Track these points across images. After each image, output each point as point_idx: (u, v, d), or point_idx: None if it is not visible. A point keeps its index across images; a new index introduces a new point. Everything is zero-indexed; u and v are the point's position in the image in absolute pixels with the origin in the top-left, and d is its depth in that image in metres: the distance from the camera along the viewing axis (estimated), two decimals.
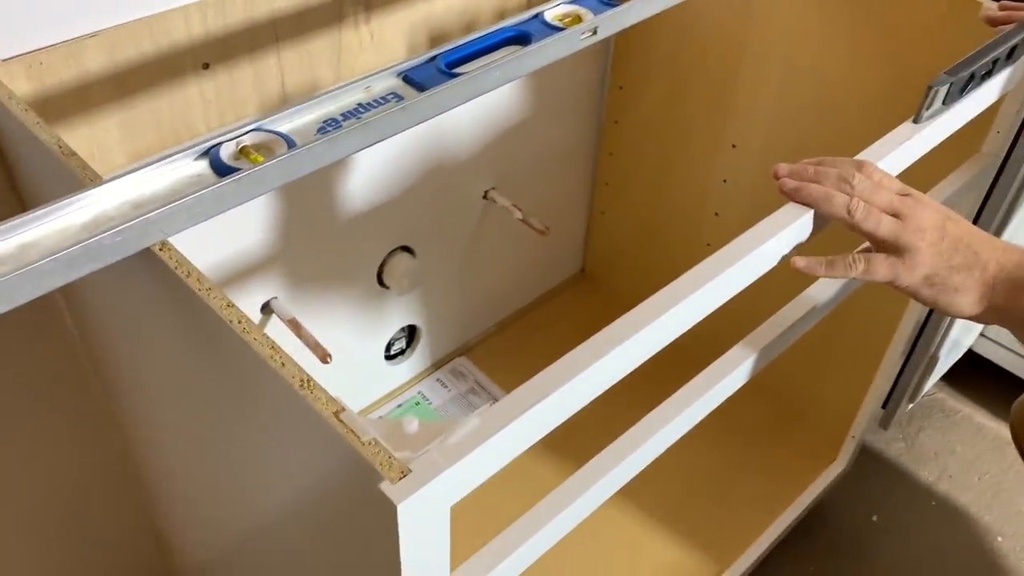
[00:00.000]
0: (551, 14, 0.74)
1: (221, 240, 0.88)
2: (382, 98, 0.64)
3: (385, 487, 0.42)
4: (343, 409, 0.45)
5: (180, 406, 0.66)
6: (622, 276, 1.36)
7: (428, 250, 1.10)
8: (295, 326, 0.94)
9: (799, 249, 0.62)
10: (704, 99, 1.12)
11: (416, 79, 0.65)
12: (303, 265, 0.98)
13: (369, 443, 0.43)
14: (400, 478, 0.42)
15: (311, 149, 0.58)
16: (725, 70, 1.08)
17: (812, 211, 0.60)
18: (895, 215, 0.58)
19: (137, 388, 0.76)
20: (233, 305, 0.50)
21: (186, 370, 0.59)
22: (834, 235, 0.63)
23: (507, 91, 1.09)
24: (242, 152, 0.59)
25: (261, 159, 0.58)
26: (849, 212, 0.58)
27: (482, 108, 1.07)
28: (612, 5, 0.75)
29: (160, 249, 0.53)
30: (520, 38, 0.71)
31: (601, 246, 1.38)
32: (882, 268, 0.58)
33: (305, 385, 0.46)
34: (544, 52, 0.70)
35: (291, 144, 0.59)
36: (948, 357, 1.27)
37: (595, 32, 0.73)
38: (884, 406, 1.24)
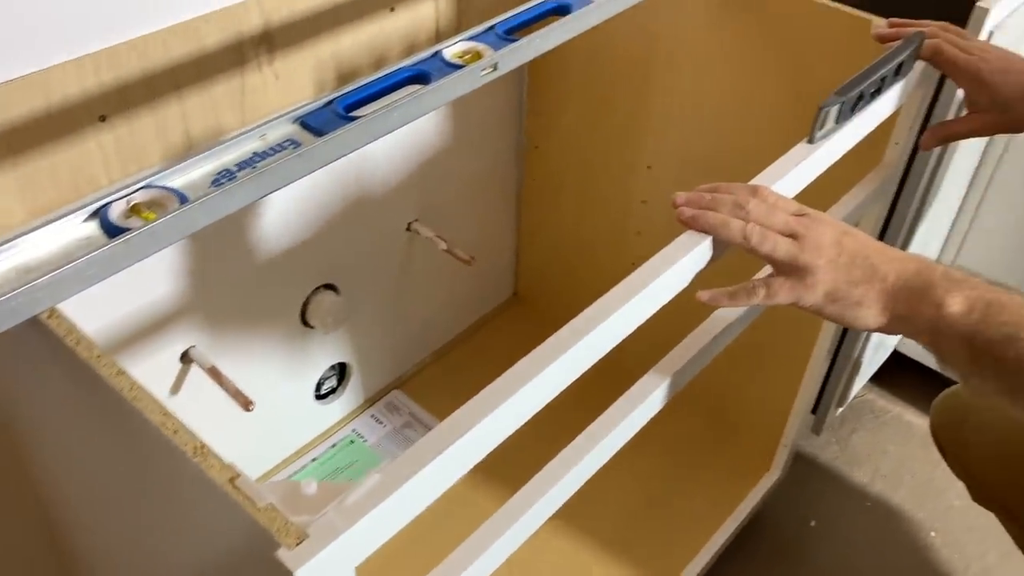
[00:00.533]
0: (450, 52, 0.74)
1: (132, 290, 0.86)
2: (278, 145, 0.63)
3: (282, 554, 0.41)
4: (238, 475, 0.44)
5: (85, 470, 0.64)
6: (554, 298, 1.37)
7: (352, 286, 1.09)
8: (215, 375, 0.92)
9: (707, 272, 0.63)
10: (618, 123, 1.13)
11: (313, 124, 0.65)
12: (222, 310, 0.96)
13: (265, 509, 0.42)
14: (297, 544, 0.41)
15: (204, 203, 0.57)
16: (636, 93, 1.09)
17: (710, 238, 0.60)
18: (792, 236, 0.59)
19: (42, 450, 0.74)
20: (124, 372, 0.48)
21: (84, 437, 0.58)
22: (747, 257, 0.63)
23: (425, 122, 1.09)
24: (133, 210, 0.58)
25: (153, 216, 0.57)
26: (745, 237, 0.59)
27: (401, 139, 1.07)
28: (512, 40, 0.75)
29: (48, 317, 0.52)
30: (419, 77, 0.71)
31: (532, 269, 1.39)
32: (783, 291, 0.59)
33: (198, 452, 0.45)
34: (443, 91, 0.70)
35: (183, 199, 0.58)
36: (873, 359, 1.29)
37: (495, 68, 0.73)
38: (814, 411, 1.26)
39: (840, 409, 1.32)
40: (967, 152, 1.07)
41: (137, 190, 0.58)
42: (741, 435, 1.22)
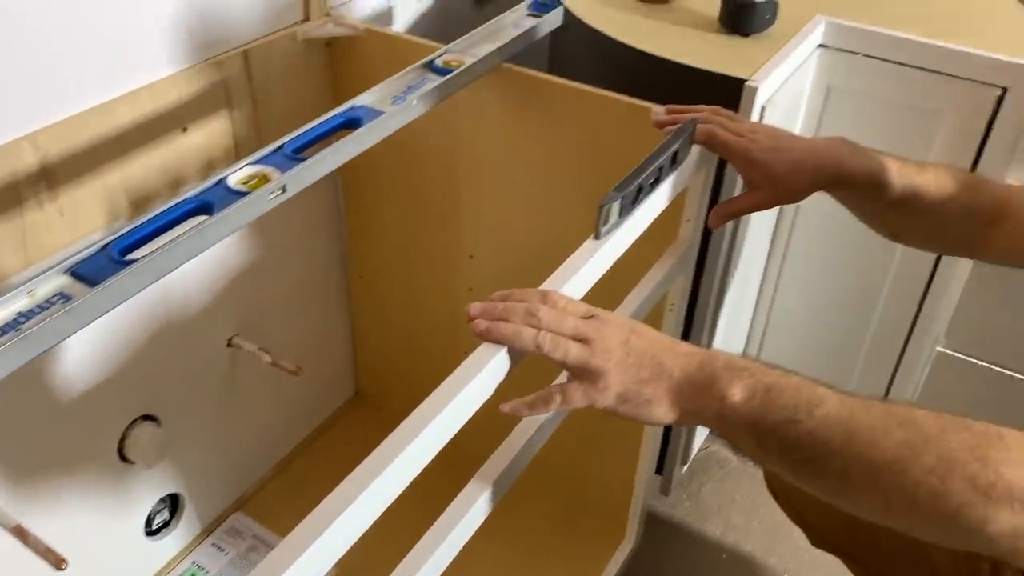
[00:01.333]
0: (235, 178, 0.72)
1: None
2: (47, 301, 0.60)
3: None
4: None
5: None
6: (395, 392, 1.35)
7: (174, 413, 1.04)
8: (21, 534, 0.85)
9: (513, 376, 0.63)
10: (435, 215, 1.14)
11: (86, 274, 0.61)
12: (24, 460, 0.89)
13: None
14: None
15: None
16: (447, 187, 1.11)
17: (506, 348, 0.61)
18: (583, 339, 0.61)
19: None
20: None
21: None
22: None
23: (238, 232, 1.06)
24: None
25: None
26: (538, 346, 0.60)
27: (212, 252, 1.03)
28: (301, 159, 0.75)
29: None
30: (203, 208, 0.69)
31: (371, 365, 1.37)
32: (577, 396, 0.60)
33: None
34: (229, 221, 0.69)
35: None
36: None
37: (283, 190, 0.73)
38: (660, 472, 1.28)
39: (685, 466, 1.35)
40: (761, 221, 1.14)
41: None
42: (593, 508, 1.23)
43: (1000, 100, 1.02)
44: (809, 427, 0.56)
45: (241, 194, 0.70)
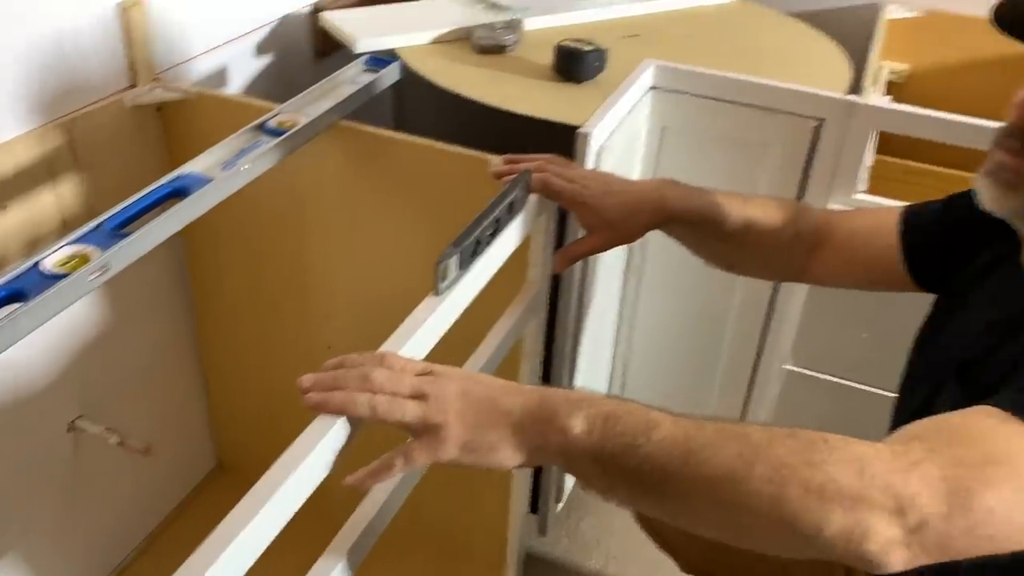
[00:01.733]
0: (51, 261, 0.68)
1: None
2: None
3: None
4: None
5: None
6: (259, 460, 1.28)
7: (11, 508, 0.97)
8: None
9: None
10: (284, 276, 1.12)
11: None
12: None
13: None
14: None
15: None
16: (294, 249, 1.09)
17: (344, 418, 0.60)
18: (421, 396, 0.60)
19: None
20: None
21: None
22: None
23: (75, 307, 1.01)
24: None
25: None
26: (373, 410, 0.59)
27: (49, 328, 0.98)
28: (123, 236, 0.72)
29: None
30: (15, 296, 0.65)
31: (230, 436, 1.32)
32: (419, 454, 0.59)
33: None
34: (47, 306, 0.65)
35: None
36: None
37: (105, 270, 0.70)
38: (535, 512, 1.28)
39: (560, 504, 1.36)
40: (611, 258, 1.17)
41: None
42: (469, 554, 1.22)
43: (818, 131, 1.09)
44: (648, 451, 0.56)
45: (58, 277, 0.67)
